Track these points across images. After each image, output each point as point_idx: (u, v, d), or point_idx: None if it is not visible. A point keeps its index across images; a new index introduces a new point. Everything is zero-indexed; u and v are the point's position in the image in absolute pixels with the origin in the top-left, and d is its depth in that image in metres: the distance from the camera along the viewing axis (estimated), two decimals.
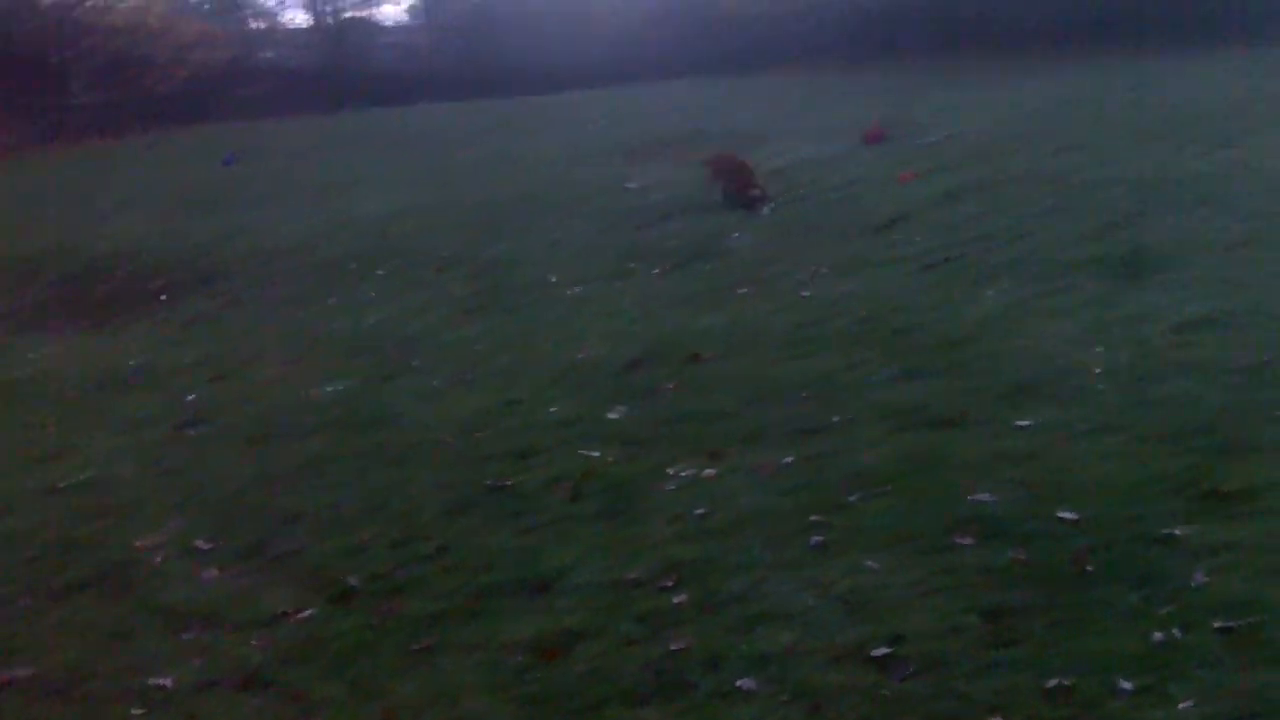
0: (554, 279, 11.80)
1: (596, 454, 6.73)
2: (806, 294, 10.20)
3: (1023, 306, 9.04)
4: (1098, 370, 7.33)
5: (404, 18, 78.25)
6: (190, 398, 8.56)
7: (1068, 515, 5.36)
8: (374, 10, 76.41)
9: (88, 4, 48.75)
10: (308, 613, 5.21)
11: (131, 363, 9.66)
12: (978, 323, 8.71)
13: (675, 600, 4.96)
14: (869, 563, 5.12)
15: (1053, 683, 4.15)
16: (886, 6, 43.26)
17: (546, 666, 4.56)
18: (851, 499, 5.79)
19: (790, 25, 42.33)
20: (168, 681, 4.76)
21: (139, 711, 4.59)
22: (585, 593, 5.10)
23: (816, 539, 5.40)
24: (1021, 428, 6.52)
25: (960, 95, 23.47)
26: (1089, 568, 4.89)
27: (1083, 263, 10.05)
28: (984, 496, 5.65)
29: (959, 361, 7.82)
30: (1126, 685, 4.11)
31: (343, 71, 58.57)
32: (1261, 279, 9.11)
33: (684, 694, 4.32)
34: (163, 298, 12.54)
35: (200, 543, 6.05)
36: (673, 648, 4.58)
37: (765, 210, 14.18)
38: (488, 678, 4.54)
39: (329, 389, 8.50)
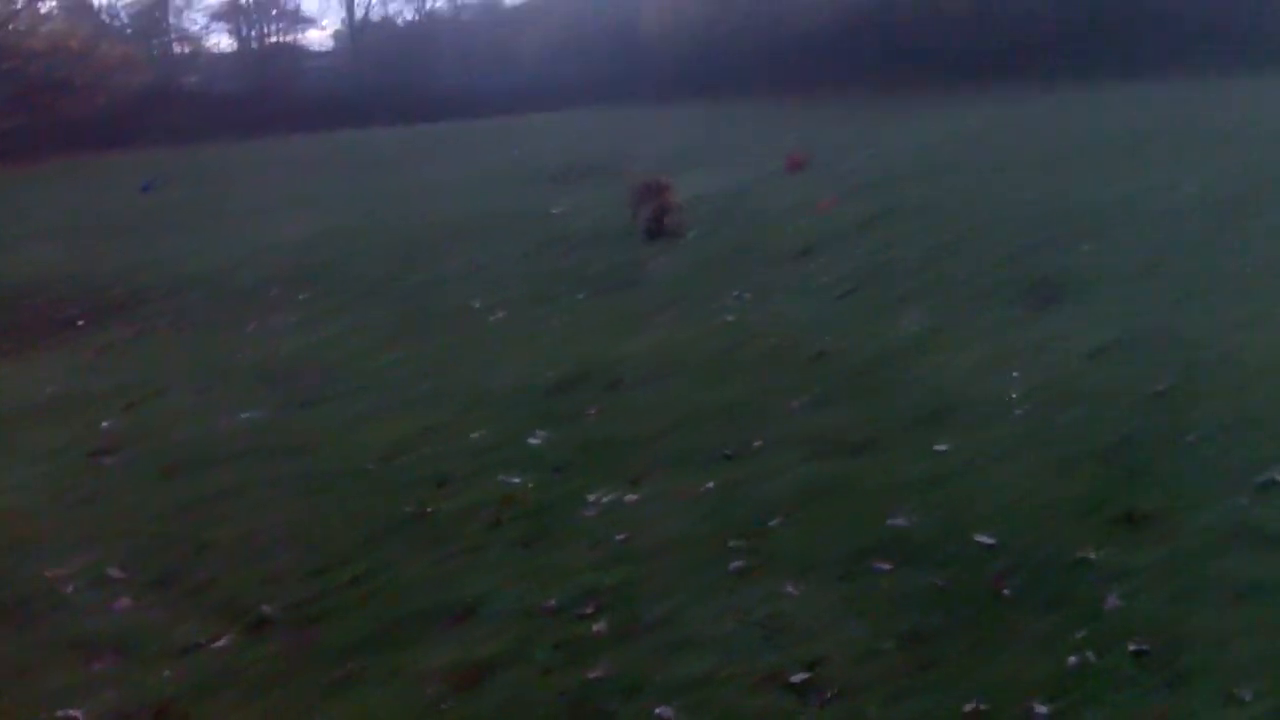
0: (476, 304, 11.76)
1: (517, 480, 6.69)
2: (730, 319, 10.26)
3: (933, 333, 9.20)
4: (1006, 396, 7.50)
5: (329, 43, 78.27)
6: (104, 426, 8.42)
7: (985, 539, 5.42)
8: (299, 36, 76.36)
9: (9, 27, 48.15)
10: (222, 642, 5.12)
11: (45, 391, 9.48)
12: (889, 349, 8.86)
13: (594, 628, 4.93)
14: (788, 588, 5.13)
15: (969, 707, 4.18)
16: (806, 37, 43.72)
17: (463, 695, 4.51)
18: (770, 524, 5.82)
19: (713, 55, 42.63)
20: (78, 714, 4.65)
21: None
22: (503, 620, 5.06)
23: (736, 564, 5.40)
24: (934, 453, 6.61)
25: (876, 125, 23.77)
26: (1005, 591, 4.94)
27: (991, 290, 10.27)
28: (900, 521, 5.71)
29: (871, 388, 7.96)
30: (1042, 709, 4.15)
31: (267, 97, 58.27)
32: (1163, 307, 9.37)
33: None
34: (79, 324, 12.35)
35: (113, 572, 5.93)
36: (591, 676, 4.56)
37: (688, 236, 14.24)
38: (405, 708, 4.48)
39: (245, 416, 8.40)
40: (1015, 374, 7.94)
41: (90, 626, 5.41)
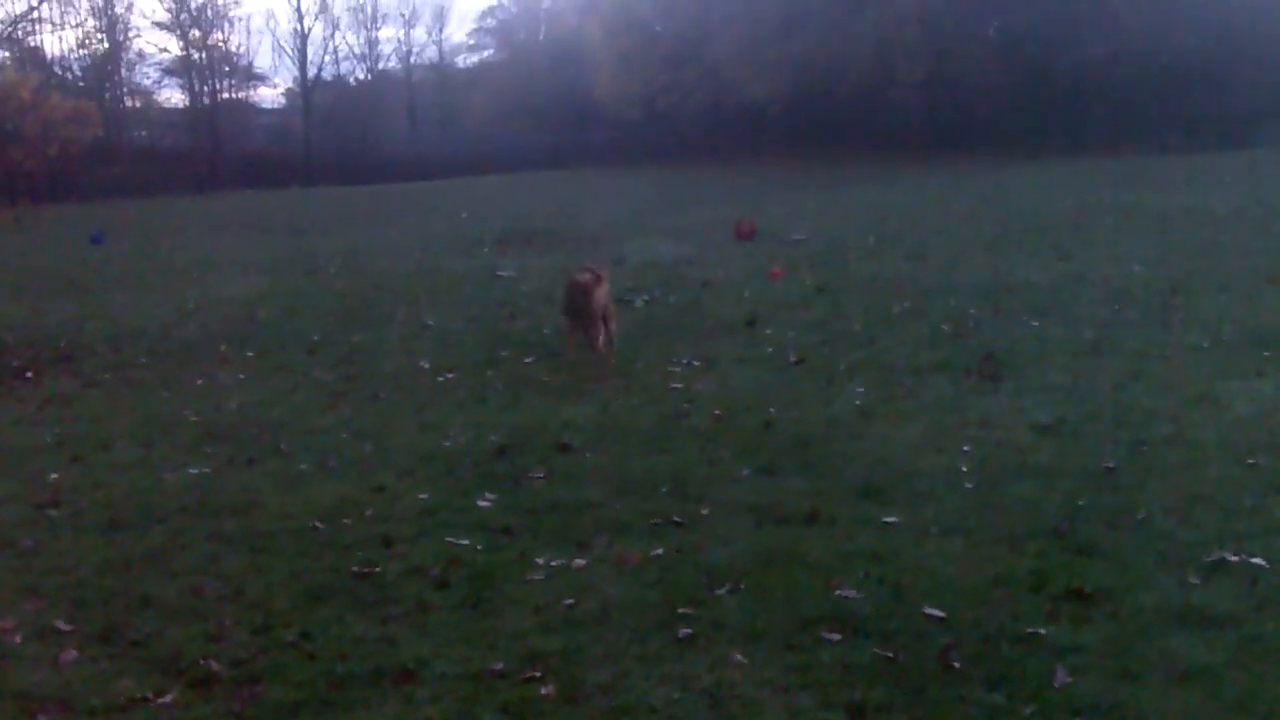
0: (424, 365, 11.77)
1: (464, 542, 6.67)
2: (678, 385, 10.32)
3: (879, 406, 9.31)
4: (953, 470, 7.60)
5: (281, 101, 78.39)
6: (51, 478, 8.34)
7: (933, 612, 5.45)
8: (251, 92, 76.45)
9: None
10: (167, 698, 5.05)
11: None
12: (836, 421, 8.96)
13: (540, 691, 4.91)
14: (734, 657, 5.13)
15: None
16: (754, 107, 44.15)
17: None
18: (718, 592, 5.83)
19: (662, 122, 43.01)
20: None
21: None
22: (447, 683, 5.02)
23: (684, 632, 5.40)
24: (881, 525, 6.68)
25: (822, 196, 24.06)
26: (955, 664, 4.96)
27: (932, 367, 10.41)
28: (847, 592, 5.73)
29: (818, 458, 8.04)
30: None
31: (216, 153, 58.23)
32: (1103, 386, 9.52)
33: None
34: (26, 376, 12.24)
35: (59, 624, 5.86)
36: None
37: (637, 303, 14.33)
38: None
39: (190, 472, 8.34)
40: (963, 448, 8.04)
41: (35, 679, 5.33)
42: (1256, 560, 5.92)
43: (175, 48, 67.91)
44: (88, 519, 7.43)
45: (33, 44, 61.45)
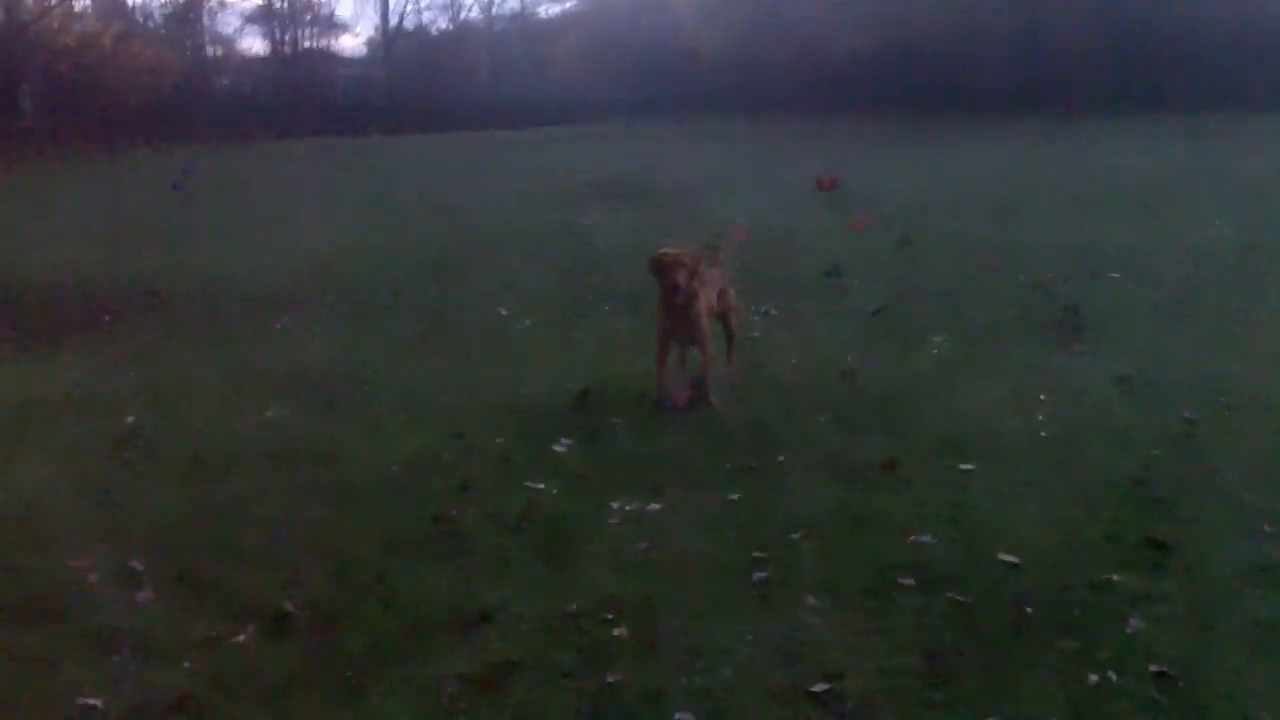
0: (505, 315, 11.79)
1: (541, 487, 6.71)
2: (756, 335, 10.28)
3: (958, 361, 9.24)
4: (1024, 429, 7.57)
5: (362, 50, 78.62)
6: (129, 422, 8.43)
7: (1009, 559, 5.43)
8: (332, 42, 76.75)
9: (41, 23, 48.44)
10: (241, 638, 5.12)
11: (71, 386, 9.51)
12: (915, 375, 8.94)
13: (615, 634, 4.94)
14: (810, 603, 5.13)
15: None
16: (841, 62, 43.79)
17: (482, 698, 4.52)
18: (793, 540, 5.82)
19: (747, 75, 42.70)
20: (99, 703, 4.66)
21: None
22: (523, 625, 5.06)
23: (758, 576, 5.41)
24: (958, 479, 6.67)
25: (908, 152, 23.85)
26: (1029, 611, 4.93)
27: (1012, 324, 10.31)
28: (924, 541, 5.72)
29: (896, 412, 8.02)
30: None
31: (297, 101, 58.51)
32: (1183, 346, 9.41)
33: None
34: (107, 322, 12.39)
35: (135, 565, 5.93)
36: (610, 680, 4.56)
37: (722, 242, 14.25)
38: (421, 710, 4.48)
39: (271, 420, 8.41)
40: (1042, 405, 7.99)
41: (111, 619, 5.41)
42: None
43: None
44: (167, 463, 7.52)
45: None
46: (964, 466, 6.81)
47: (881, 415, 7.92)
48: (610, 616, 5.08)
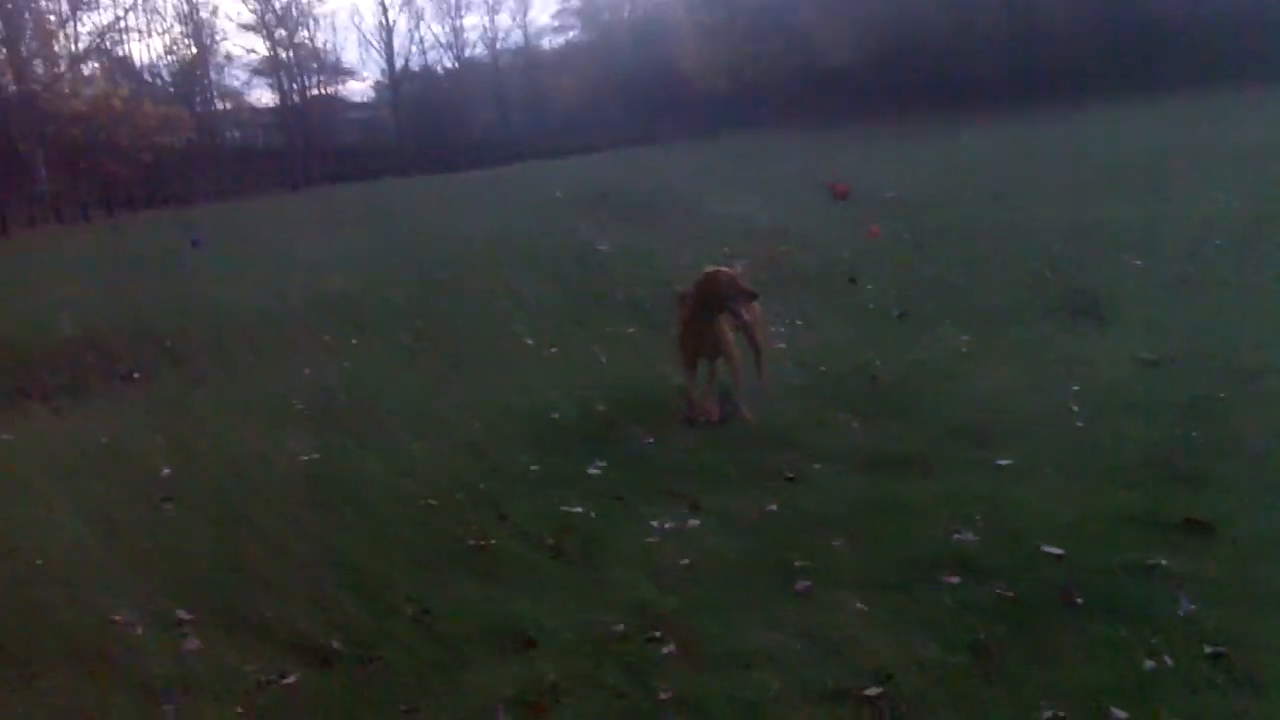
0: (528, 341, 11.80)
1: (577, 509, 6.69)
2: (781, 346, 10.26)
3: (974, 353, 9.20)
4: (1049, 412, 7.56)
5: (370, 94, 78.93)
6: (163, 474, 8.45)
7: (1051, 550, 5.39)
8: (340, 87, 77.09)
9: (52, 90, 48.81)
10: (290, 679, 5.13)
11: (103, 440, 9.53)
12: (937, 368, 8.95)
13: (661, 650, 4.92)
14: (854, 604, 5.11)
15: (1046, 714, 4.15)
16: (839, 70, 43.91)
17: None
18: (833, 543, 5.81)
19: (749, 90, 42.80)
20: None
21: None
22: (569, 646, 5.05)
23: (801, 584, 5.39)
24: (988, 466, 6.66)
25: (910, 152, 23.86)
26: (1077, 600, 4.89)
27: (1028, 308, 10.28)
28: (962, 534, 5.70)
29: (922, 406, 8.02)
30: (1120, 714, 4.13)
31: (308, 149, 58.83)
32: (1196, 320, 9.37)
33: None
34: (134, 376, 12.44)
35: (180, 613, 5.94)
36: (661, 697, 4.53)
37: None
38: None
39: (302, 459, 8.42)
40: (1064, 386, 7.97)
41: (160, 668, 5.41)
42: None
43: (262, 48, 68.80)
44: (203, 511, 7.51)
45: (121, 53, 62.50)
46: (994, 455, 6.80)
47: (906, 410, 7.93)
48: (657, 634, 5.06)
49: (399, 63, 72.22)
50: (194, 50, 64.69)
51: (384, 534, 6.70)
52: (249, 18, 69.10)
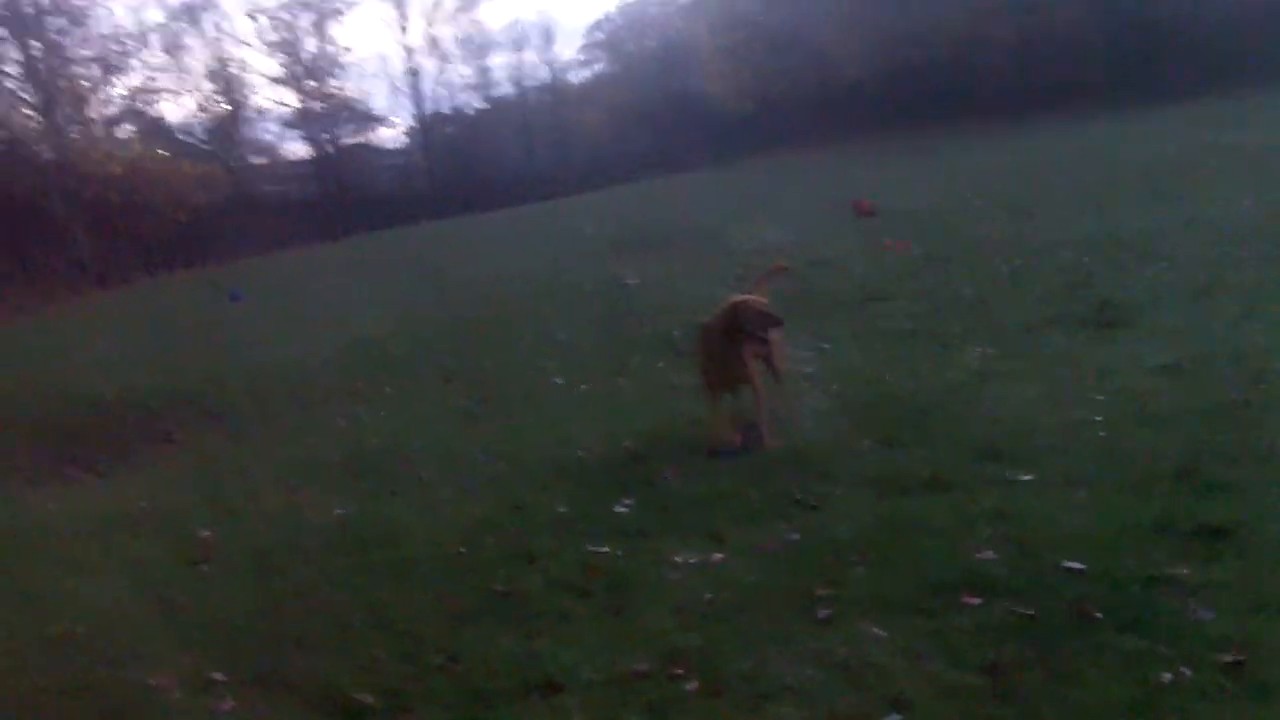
0: (557, 380, 11.87)
1: (605, 549, 6.75)
2: (809, 370, 10.28)
3: (990, 370, 9.19)
4: (1066, 426, 7.54)
5: (402, 140, 79.42)
6: (200, 534, 8.56)
7: (1071, 565, 5.41)
8: (371, 135, 77.64)
9: (88, 154, 49.38)
10: None
11: (141, 504, 9.67)
12: (954, 385, 8.91)
13: (684, 688, 4.98)
14: (873, 630, 5.15)
15: None
16: (854, 87, 43.95)
17: None
18: (852, 568, 5.84)
19: (770, 113, 42.87)
20: None
21: None
22: (593, 689, 5.12)
23: (822, 613, 5.42)
24: (1006, 483, 6.68)
25: (926, 165, 23.85)
26: (1097, 615, 4.91)
27: (1045, 322, 10.27)
28: (980, 554, 5.72)
29: (938, 425, 8.03)
30: None
31: (343, 198, 59.28)
32: (1218, 326, 9.34)
33: None
34: (175, 437, 12.59)
35: (215, 675, 6.03)
36: None
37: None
38: None
39: (336, 512, 8.51)
40: (1082, 400, 7.97)
41: None
42: None
43: (293, 101, 69.38)
44: (239, 571, 7.61)
45: (154, 114, 63.16)
46: (1010, 472, 6.82)
47: (924, 430, 7.93)
48: (679, 671, 5.12)
49: (429, 107, 72.74)
50: (226, 106, 65.36)
51: (415, 584, 6.78)
52: (278, 71, 69.69)
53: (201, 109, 66.05)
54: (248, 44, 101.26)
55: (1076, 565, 5.40)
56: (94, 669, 6.37)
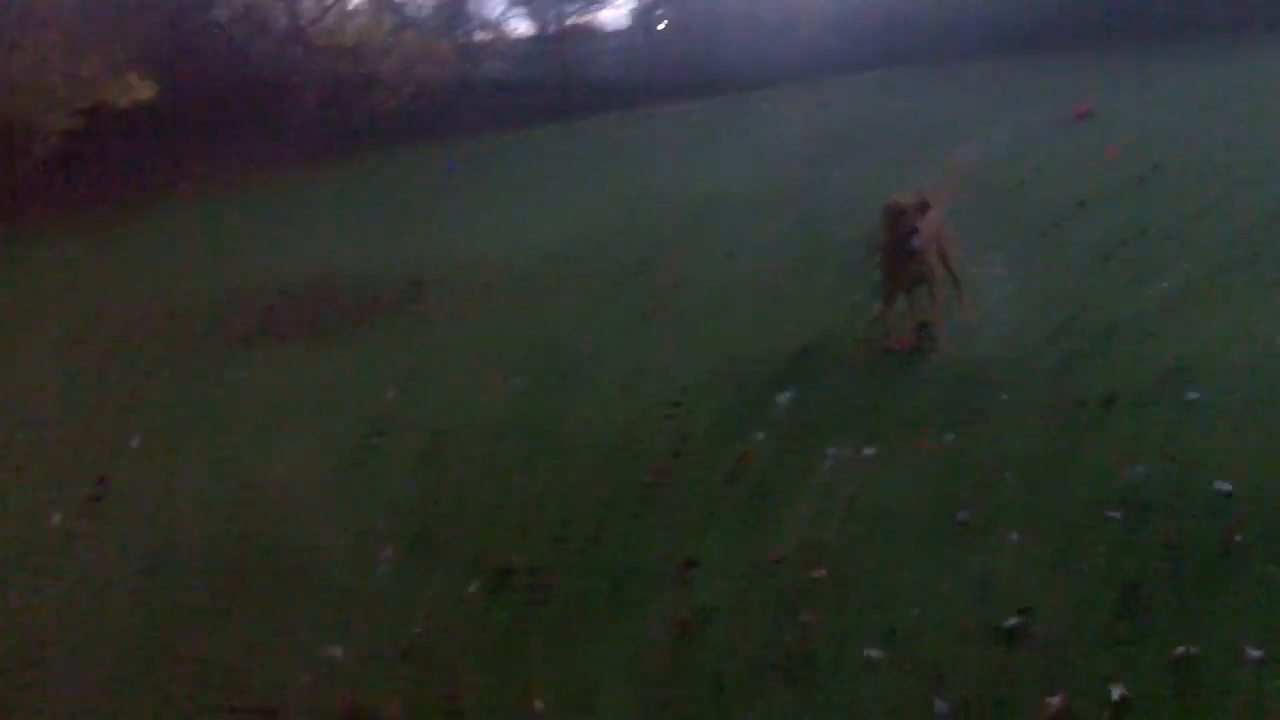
0: (748, 271, 11.86)
1: (760, 436, 6.83)
2: (1001, 281, 10.09)
3: (1189, 297, 8.85)
4: (1252, 358, 7.20)
5: (625, 23, 79.23)
6: (382, 411, 8.86)
7: (1223, 487, 5.30)
8: (595, 16, 77.61)
9: (320, 25, 50.47)
10: (470, 591, 5.48)
11: (331, 379, 10.03)
12: (1138, 313, 8.51)
13: (813, 577, 5.05)
14: (1011, 540, 5.13)
15: (1179, 652, 4.13)
16: None
17: (682, 642, 4.71)
18: (1003, 479, 5.80)
19: (1006, 10, 41.44)
20: (338, 652, 5.07)
21: (306, 678, 4.93)
22: (727, 572, 5.24)
23: (963, 517, 5.43)
24: (1178, 409, 6.47)
25: (1164, 79, 22.79)
26: (1237, 539, 4.83)
27: (1251, 256, 9.80)
28: (1135, 473, 5.62)
29: (1116, 349, 7.76)
30: (1254, 653, 4.08)
31: (565, 80, 59.51)
32: None
33: (810, 667, 4.41)
34: (375, 316, 12.93)
35: (376, 535, 6.34)
36: (803, 620, 4.68)
37: (963, 198, 14.02)
38: (624, 656, 4.71)
39: (511, 398, 8.72)
40: (1272, 336, 7.65)
41: (354, 584, 5.82)
42: None
43: None
44: (413, 445, 7.88)
45: None
46: (1187, 397, 6.59)
47: (1107, 351, 7.69)
48: (811, 562, 5.19)
49: None
50: None
51: (571, 470, 6.95)
52: None
53: None
54: None
55: (1232, 489, 5.27)
56: (267, 527, 6.77)
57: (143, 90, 33.99)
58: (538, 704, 4.47)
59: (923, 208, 8.23)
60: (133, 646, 5.44)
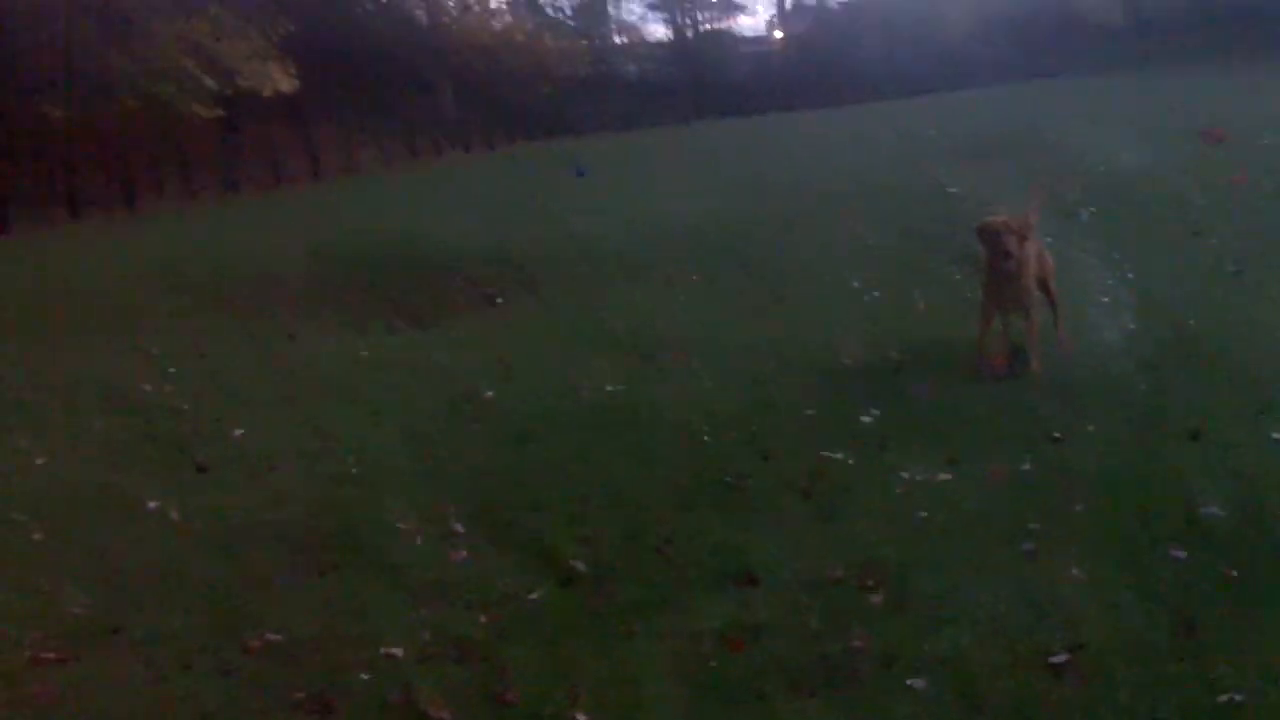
0: (854, 284, 11.80)
1: (838, 455, 6.82)
2: (1104, 300, 9.92)
3: None
4: None
5: (761, 29, 79.02)
6: (480, 395, 9.00)
7: None
8: (731, 22, 77.52)
9: (460, 23, 51.15)
10: (535, 595, 5.53)
11: (439, 360, 10.22)
12: (1248, 337, 8.31)
13: (870, 599, 5.04)
14: (1074, 571, 5.08)
15: (1224, 698, 4.06)
16: (1230, 7, 41.11)
17: (728, 655, 4.72)
18: (1075, 507, 5.74)
19: (1143, 24, 40.70)
20: (399, 652, 5.13)
21: (366, 677, 4.97)
22: (785, 587, 5.24)
23: (1028, 546, 5.38)
24: (1257, 441, 6.35)
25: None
26: None
27: None
28: (1210, 510, 5.50)
29: (1222, 373, 7.59)
30: None
31: (699, 83, 59.59)
32: None
33: (851, 689, 4.41)
34: (498, 302, 13.11)
35: (457, 527, 6.43)
36: (853, 644, 4.67)
37: (1084, 217, 13.82)
38: (672, 664, 4.73)
39: (605, 389, 8.80)
40: None
41: (427, 574, 5.91)
42: None
43: None
44: (503, 432, 8.03)
45: None
46: (1272, 436, 6.40)
47: (1208, 377, 7.51)
48: (870, 583, 5.18)
49: None
50: None
51: (655, 466, 7.03)
52: None
53: None
54: None
55: None
56: (355, 505, 6.91)
57: (285, 81, 34.81)
58: (581, 717, 4.49)
59: (1023, 231, 8.13)
60: (204, 626, 5.56)
